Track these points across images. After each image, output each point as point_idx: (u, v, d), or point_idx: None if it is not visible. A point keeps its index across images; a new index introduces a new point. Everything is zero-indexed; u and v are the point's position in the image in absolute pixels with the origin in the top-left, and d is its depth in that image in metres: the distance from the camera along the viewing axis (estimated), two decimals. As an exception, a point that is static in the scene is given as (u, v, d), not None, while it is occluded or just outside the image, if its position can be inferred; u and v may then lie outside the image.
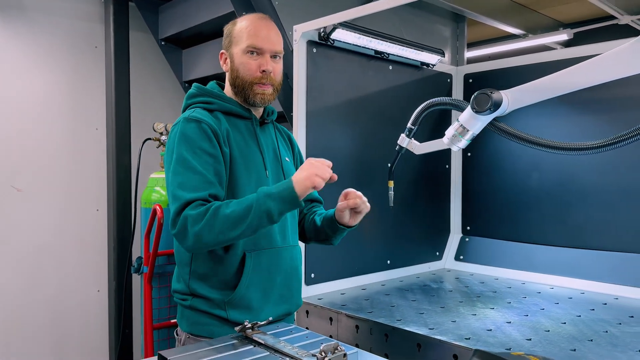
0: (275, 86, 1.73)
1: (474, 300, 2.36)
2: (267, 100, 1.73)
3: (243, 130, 1.73)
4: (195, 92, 1.76)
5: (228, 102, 1.73)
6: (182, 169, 1.56)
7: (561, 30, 4.33)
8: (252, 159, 1.70)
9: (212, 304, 1.63)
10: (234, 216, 1.47)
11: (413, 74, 2.92)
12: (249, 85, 1.69)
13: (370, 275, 2.71)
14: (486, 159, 3.07)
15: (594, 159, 2.59)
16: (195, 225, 1.47)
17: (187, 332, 1.68)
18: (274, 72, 1.71)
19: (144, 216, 3.21)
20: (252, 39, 1.67)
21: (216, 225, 1.47)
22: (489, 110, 2.10)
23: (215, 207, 1.49)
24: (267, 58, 1.69)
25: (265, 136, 1.79)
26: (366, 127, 2.68)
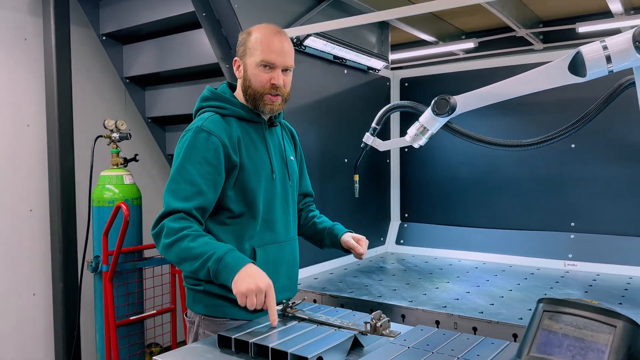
0: (284, 97, 1.85)
1: (429, 277, 2.72)
2: (276, 110, 1.86)
3: (253, 134, 1.86)
4: (209, 96, 1.86)
5: (240, 108, 1.84)
6: (179, 177, 1.69)
7: (466, 40, 4.91)
8: (261, 163, 1.83)
9: (225, 288, 1.69)
10: (187, 253, 1.59)
11: (362, 77, 3.22)
12: (260, 95, 1.80)
13: (334, 261, 2.97)
14: (421, 154, 3.47)
15: (512, 153, 3.09)
16: (166, 238, 1.62)
17: (202, 314, 1.78)
18: (284, 84, 1.83)
19: (96, 215, 3.17)
20: (265, 54, 1.77)
21: (176, 250, 1.61)
22: (447, 113, 2.46)
23: (184, 235, 1.60)
24: (279, 72, 1.80)
25: (272, 138, 1.94)
26: (328, 126, 2.93)
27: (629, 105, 2.52)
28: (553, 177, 3.05)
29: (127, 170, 3.21)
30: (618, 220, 2.85)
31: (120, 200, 3.08)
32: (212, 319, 1.77)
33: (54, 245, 3.34)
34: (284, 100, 1.87)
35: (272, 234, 1.85)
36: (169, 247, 1.61)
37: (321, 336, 1.45)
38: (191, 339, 1.81)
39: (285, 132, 2.07)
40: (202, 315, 1.78)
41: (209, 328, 1.75)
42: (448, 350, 1.33)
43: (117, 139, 3.21)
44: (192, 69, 3.36)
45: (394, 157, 3.57)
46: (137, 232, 3.21)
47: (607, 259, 2.82)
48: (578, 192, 2.98)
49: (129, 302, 3.14)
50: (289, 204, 1.95)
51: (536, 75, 2.46)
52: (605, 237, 2.87)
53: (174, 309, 3.36)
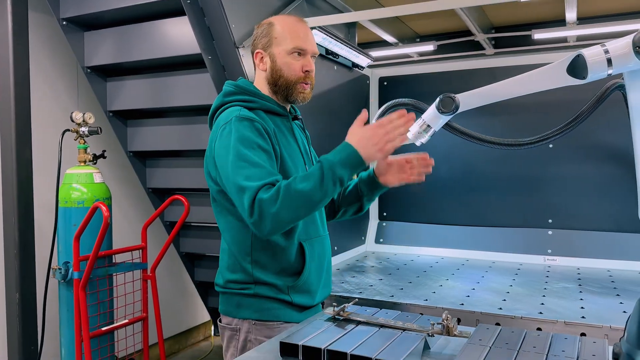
0: (312, 85, 1.82)
1: (426, 275, 2.73)
2: (307, 99, 1.82)
3: (283, 128, 1.79)
4: (233, 90, 1.77)
5: (268, 100, 1.77)
6: (245, 164, 1.58)
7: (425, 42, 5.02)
8: (295, 155, 1.78)
9: (276, 289, 1.69)
10: (307, 190, 1.51)
11: (347, 74, 3.18)
12: (293, 84, 1.75)
13: (325, 261, 2.90)
14: (400, 152, 3.47)
15: (492, 152, 3.17)
16: (272, 206, 1.50)
17: (253, 319, 1.69)
18: (313, 71, 1.80)
19: (62, 217, 2.88)
20: (296, 41, 1.74)
21: (292, 202, 1.51)
22: (452, 111, 2.48)
23: (286, 184, 1.52)
24: (309, 58, 1.77)
25: (298, 131, 1.89)
26: (318, 122, 2.86)
27: (604, 107, 2.68)
28: (531, 176, 3.18)
29: (96, 168, 2.95)
30: (593, 217, 3.02)
31: (90, 200, 2.83)
32: (264, 323, 1.69)
33: (8, 251, 2.99)
34: (311, 88, 1.83)
35: (314, 227, 1.80)
36: (281, 209, 1.49)
37: (393, 340, 1.38)
38: (237, 349, 1.69)
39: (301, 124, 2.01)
40: (252, 321, 1.70)
41: (261, 333, 1.67)
42: (530, 348, 1.31)
43: (85, 134, 2.94)
44: (160, 61, 3.16)
45: (373, 156, 3.56)
46: (107, 236, 2.95)
47: (584, 254, 2.97)
48: (555, 190, 3.12)
49: (100, 312, 2.88)
50: None
51: (537, 76, 2.53)
52: (582, 233, 3.03)
53: (146, 317, 3.12)
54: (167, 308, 4.06)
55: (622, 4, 4.36)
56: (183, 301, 4.35)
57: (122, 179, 3.78)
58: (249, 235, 1.70)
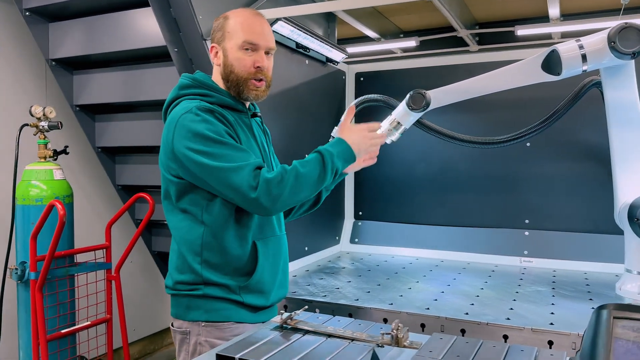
0: (268, 82, 1.76)
1: (396, 277, 2.64)
2: (261, 97, 1.75)
3: (241, 123, 1.73)
4: (189, 83, 1.70)
5: (226, 95, 1.71)
6: (227, 150, 1.55)
7: (408, 38, 4.92)
8: (254, 151, 1.72)
9: (226, 289, 1.64)
10: (311, 175, 1.58)
11: (321, 69, 3.08)
12: (244, 81, 1.70)
13: (296, 262, 2.81)
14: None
15: (468, 151, 3.09)
16: (279, 187, 1.53)
17: (203, 320, 1.63)
18: (267, 68, 1.74)
19: (20, 215, 2.76)
20: (247, 35, 1.68)
21: (297, 185, 1.55)
22: (422, 108, 2.39)
23: (292, 168, 1.57)
24: (262, 54, 1.71)
25: (257, 128, 1.83)
26: (290, 118, 2.76)
27: (583, 105, 2.60)
28: (508, 175, 3.10)
29: (57, 164, 2.84)
30: (570, 217, 2.94)
31: (50, 198, 2.71)
32: (215, 324, 1.63)
33: (-34, 250, 2.88)
34: (267, 86, 1.77)
35: (269, 227, 1.74)
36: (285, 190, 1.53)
37: (338, 351, 1.29)
38: (188, 353, 1.63)
39: (261, 124, 1.94)
40: (202, 323, 1.63)
41: (211, 335, 1.61)
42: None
43: (45, 129, 2.82)
44: (129, 53, 3.04)
45: (348, 154, 3.46)
46: (69, 235, 2.85)
47: (561, 255, 2.90)
48: (532, 189, 3.04)
49: (60, 314, 2.77)
50: None
51: (511, 72, 2.45)
52: (559, 234, 2.95)
53: (110, 319, 3.02)
54: (142, 308, 3.96)
55: (606, 1, 4.29)
56: (159, 301, 4.24)
57: (91, 175, 3.66)
58: (199, 235, 1.63)
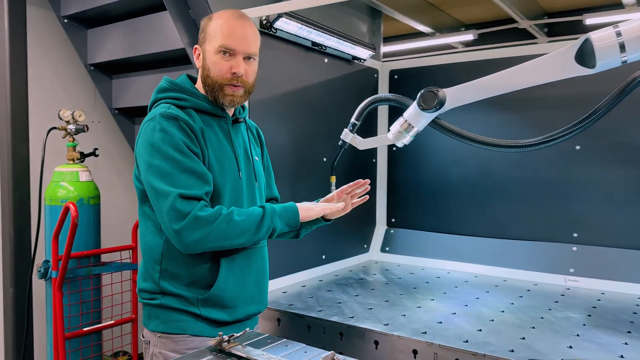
0: (247, 88, 1.67)
1: (412, 292, 2.42)
2: (237, 103, 1.67)
3: (216, 129, 1.66)
4: (167, 87, 1.65)
5: (202, 99, 1.64)
6: (172, 170, 1.49)
7: (466, 31, 4.59)
8: (226, 160, 1.64)
9: (184, 301, 1.58)
10: (244, 226, 1.52)
11: (345, 67, 2.91)
12: (219, 86, 1.62)
13: (308, 271, 2.68)
14: (411, 153, 3.16)
15: (511, 155, 2.78)
16: (206, 227, 1.46)
17: (158, 331, 1.59)
18: (247, 74, 1.64)
19: (48, 215, 2.87)
20: (225, 39, 1.60)
21: (227, 232, 1.49)
22: (435, 107, 2.15)
23: (227, 213, 1.50)
24: (239, 60, 1.62)
25: (237, 135, 1.73)
26: (303, 121, 2.63)
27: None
28: (555, 182, 2.74)
29: (83, 166, 2.91)
30: (626, 232, 2.55)
31: (75, 199, 2.79)
32: (169, 336, 1.58)
33: (4, 247, 3.04)
34: (246, 92, 1.67)
35: None
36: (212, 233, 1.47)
37: (257, 384, 1.15)
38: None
39: (251, 132, 1.86)
40: (158, 333, 1.59)
41: (165, 347, 1.56)
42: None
43: (73, 132, 2.91)
44: (166, 54, 3.06)
45: (381, 156, 3.26)
46: (94, 235, 2.91)
47: (613, 276, 2.51)
48: (582, 199, 2.67)
49: (83, 312, 2.84)
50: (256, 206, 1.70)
51: (538, 65, 2.12)
52: (612, 251, 2.56)
53: (135, 319, 3.06)
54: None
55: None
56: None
57: (127, 175, 3.76)
58: (160, 243, 1.59)
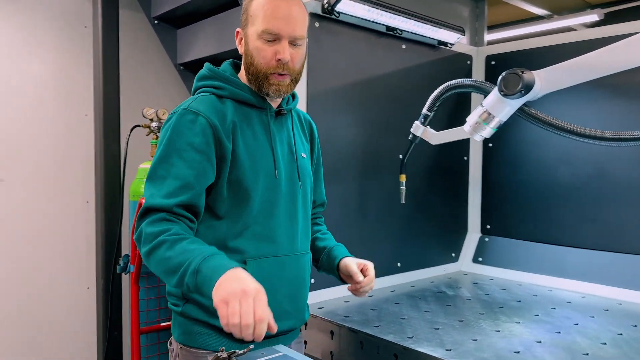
0: (294, 76, 1.50)
1: (496, 312, 2.07)
2: (283, 92, 1.50)
3: (255, 122, 1.51)
4: (206, 74, 1.54)
5: (241, 88, 1.50)
6: (160, 168, 1.40)
7: (589, 11, 3.98)
8: (260, 157, 1.48)
9: (207, 311, 1.42)
10: (165, 265, 1.30)
11: (429, 54, 2.61)
12: (263, 75, 1.46)
13: (379, 280, 2.37)
14: (510, 150, 2.76)
15: (630, 151, 2.28)
16: (144, 246, 1.34)
17: (179, 342, 1.47)
18: (293, 60, 1.47)
19: (132, 210, 2.95)
20: (267, 22, 1.43)
21: (155, 263, 1.33)
22: (519, 93, 1.79)
23: (160, 241, 1.30)
24: (285, 44, 1.44)
25: (280, 129, 1.57)
26: (374, 113, 2.38)
27: None
28: (691, 185, 2.20)
29: (165, 163, 2.94)
30: None
31: (157, 195, 2.83)
32: (190, 349, 1.46)
33: (97, 241, 3.20)
34: (293, 80, 1.50)
35: (270, 245, 1.48)
36: (148, 256, 1.34)
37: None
38: None
39: (301, 125, 1.68)
40: (179, 344, 1.48)
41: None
42: None
43: (155, 129, 2.96)
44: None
45: (475, 153, 2.89)
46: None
47: None
48: None
49: (161, 307, 2.87)
50: (297, 209, 1.56)
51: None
52: None
53: (213, 318, 3.04)
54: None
55: None
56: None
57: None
58: None
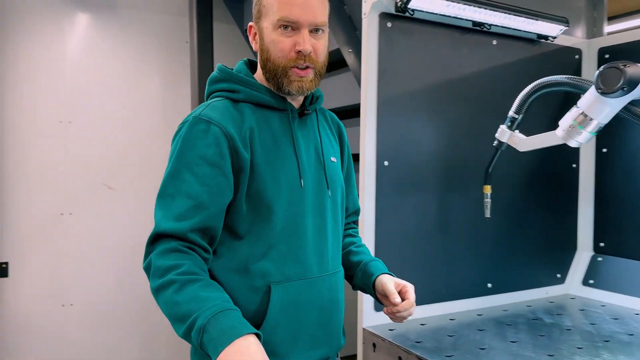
0: (317, 69, 1.33)
1: (598, 347, 1.75)
2: (307, 89, 1.34)
3: (275, 126, 1.36)
4: (219, 77, 1.41)
5: (257, 89, 1.36)
6: (171, 187, 1.26)
7: None
8: (283, 165, 1.33)
9: None
10: (172, 310, 1.16)
11: (526, 49, 2.33)
12: (283, 70, 1.31)
13: (464, 302, 2.20)
14: (629, 156, 2.37)
15: None
16: (153, 281, 1.20)
17: None
18: (315, 50, 1.31)
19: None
20: (283, 10, 1.28)
21: (162, 304, 1.18)
22: (621, 90, 1.50)
23: (170, 281, 1.16)
24: (305, 34, 1.29)
25: (305, 131, 1.42)
26: (459, 118, 2.17)
27: None
28: None
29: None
30: None
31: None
32: None
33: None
34: (317, 74, 1.34)
35: (297, 265, 1.33)
36: (156, 294, 1.21)
37: None
38: None
39: (328, 125, 1.52)
40: None
41: None
42: None
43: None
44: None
45: (586, 160, 2.53)
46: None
47: None
48: None
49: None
50: (326, 223, 1.39)
51: None
52: None
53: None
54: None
55: None
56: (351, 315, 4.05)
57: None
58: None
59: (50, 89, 3.18)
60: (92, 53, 3.19)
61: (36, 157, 3.17)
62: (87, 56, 3.19)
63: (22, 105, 3.10)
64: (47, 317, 3.26)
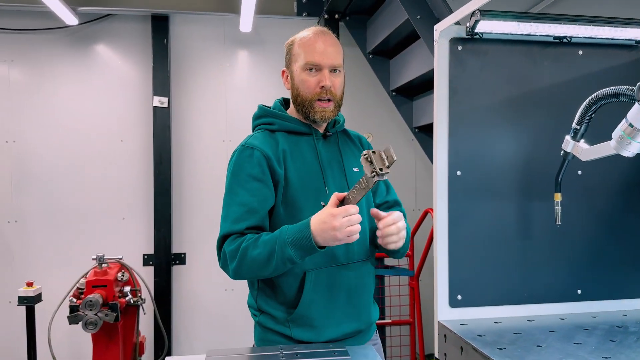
0: (336, 101, 1.77)
1: (668, 357, 1.74)
2: (329, 117, 1.78)
3: (304, 147, 1.78)
4: (259, 114, 1.88)
5: (288, 120, 1.80)
6: (229, 200, 1.71)
7: None
8: (310, 177, 1.73)
9: (277, 321, 1.72)
10: (259, 259, 1.56)
11: (620, 55, 2.30)
12: (309, 102, 1.75)
13: (549, 306, 2.26)
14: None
15: None
16: (232, 262, 1.61)
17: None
18: (334, 86, 1.74)
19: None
20: (309, 56, 1.73)
21: (246, 266, 1.58)
22: (661, 100, 1.54)
23: (244, 247, 1.58)
24: (326, 73, 1.73)
25: (327, 149, 1.81)
26: (539, 128, 2.25)
27: None
28: None
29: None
30: None
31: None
32: None
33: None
34: (336, 105, 1.79)
35: (326, 256, 1.71)
36: (238, 267, 1.62)
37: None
38: None
39: (351, 141, 1.93)
40: None
41: None
42: None
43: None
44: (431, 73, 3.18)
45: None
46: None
47: None
48: None
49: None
50: None
51: None
52: None
53: (412, 323, 3.24)
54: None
55: None
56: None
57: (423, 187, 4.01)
58: None
59: (214, 113, 3.95)
60: (250, 83, 3.88)
61: (203, 168, 3.97)
62: (244, 85, 3.89)
63: (191, 128, 3.92)
64: (213, 298, 4.03)
